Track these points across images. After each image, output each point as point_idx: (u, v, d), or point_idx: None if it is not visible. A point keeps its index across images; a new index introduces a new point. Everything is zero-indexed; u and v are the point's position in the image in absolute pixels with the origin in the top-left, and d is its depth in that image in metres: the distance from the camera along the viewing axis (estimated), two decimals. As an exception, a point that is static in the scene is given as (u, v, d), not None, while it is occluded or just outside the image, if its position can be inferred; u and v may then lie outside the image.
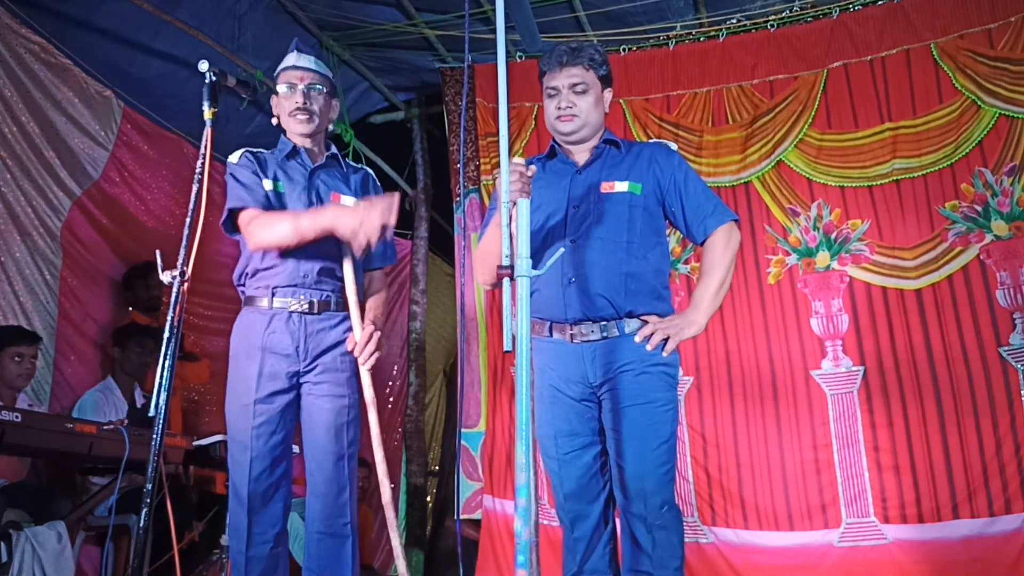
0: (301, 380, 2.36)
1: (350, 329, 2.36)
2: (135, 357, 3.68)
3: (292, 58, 2.46)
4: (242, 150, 2.48)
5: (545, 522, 3.97)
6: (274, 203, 2.39)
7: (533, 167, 2.04)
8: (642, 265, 2.14)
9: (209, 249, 4.08)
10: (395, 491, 5.40)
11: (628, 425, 2.06)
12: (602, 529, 2.14)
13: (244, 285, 2.42)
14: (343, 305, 2.37)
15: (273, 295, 2.35)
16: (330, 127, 2.55)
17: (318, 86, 2.43)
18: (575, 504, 2.13)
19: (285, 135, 2.49)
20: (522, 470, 1.67)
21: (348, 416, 2.36)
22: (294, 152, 2.46)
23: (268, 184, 2.41)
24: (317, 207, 2.37)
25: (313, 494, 2.32)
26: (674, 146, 2.33)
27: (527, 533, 1.65)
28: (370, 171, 2.63)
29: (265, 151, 2.49)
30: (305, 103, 2.40)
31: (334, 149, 2.53)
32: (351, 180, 2.51)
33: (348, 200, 2.44)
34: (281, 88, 2.44)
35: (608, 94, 2.30)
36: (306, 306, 2.33)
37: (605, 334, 2.11)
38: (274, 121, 2.48)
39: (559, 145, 2.32)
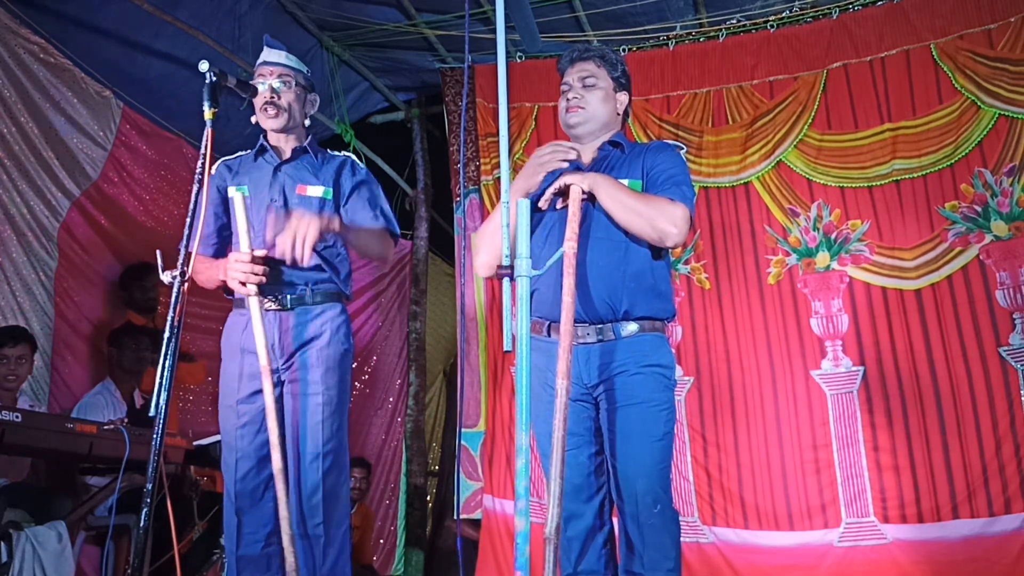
0: (281, 378, 2.36)
1: (326, 323, 2.36)
2: (131, 354, 3.69)
3: (263, 54, 2.48)
4: (219, 162, 2.54)
5: (542, 521, 3.96)
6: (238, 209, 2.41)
7: (574, 152, 2.10)
8: (642, 264, 2.14)
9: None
10: (395, 491, 5.43)
11: (621, 425, 2.06)
12: (597, 530, 2.12)
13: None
14: (320, 298, 2.37)
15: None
16: (306, 121, 2.54)
17: (286, 79, 2.43)
18: (569, 503, 2.11)
19: (265, 134, 2.51)
20: (521, 476, 1.68)
21: (321, 415, 2.32)
22: (262, 150, 2.50)
23: (232, 191, 2.44)
24: (278, 202, 2.40)
25: (293, 494, 2.31)
26: (684, 149, 2.32)
27: (524, 525, 1.65)
28: (350, 157, 2.58)
29: (244, 153, 2.54)
30: (272, 97, 2.41)
31: (307, 142, 2.52)
32: (323, 170, 2.49)
33: (315, 190, 2.44)
34: (256, 85, 2.44)
35: (623, 97, 2.31)
36: (279, 304, 2.34)
37: (601, 337, 2.11)
38: (253, 119, 2.48)
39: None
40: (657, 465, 2.04)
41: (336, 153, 2.58)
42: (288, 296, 2.35)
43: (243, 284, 2.26)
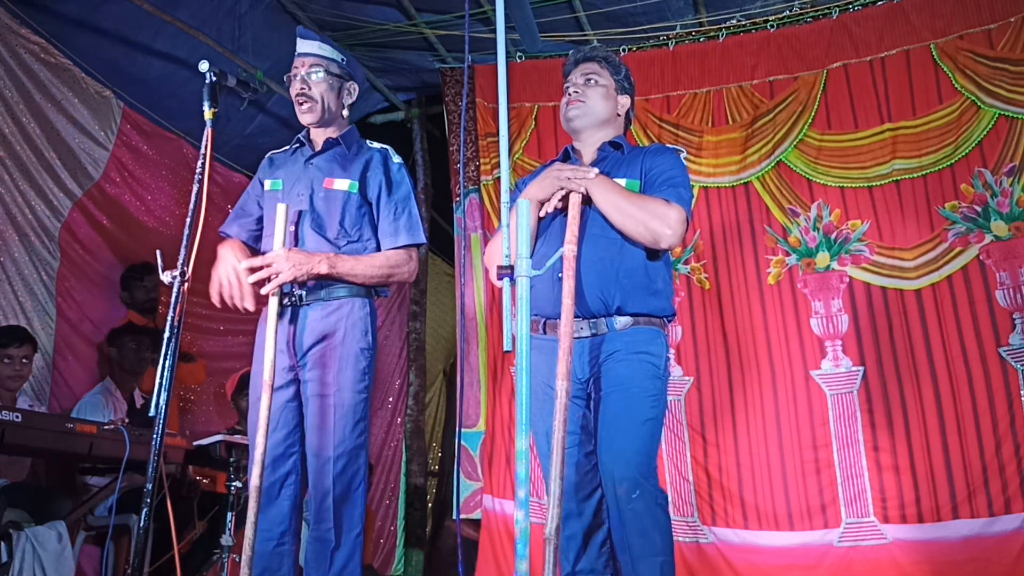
0: (298, 376, 2.33)
1: (342, 319, 2.32)
2: (132, 355, 3.69)
3: (297, 45, 2.46)
4: (267, 155, 2.56)
5: (542, 521, 3.96)
6: (270, 201, 2.43)
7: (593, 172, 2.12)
8: (636, 261, 2.14)
9: (208, 249, 4.08)
10: (395, 491, 5.43)
11: (605, 410, 2.06)
12: (595, 529, 2.12)
13: None
14: (338, 293, 2.33)
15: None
16: (344, 112, 2.49)
17: (319, 70, 2.39)
18: (566, 502, 2.10)
19: (308, 129, 2.50)
20: (522, 485, 1.68)
21: (333, 416, 2.26)
22: (300, 143, 2.50)
23: (267, 184, 2.46)
24: (304, 197, 2.39)
25: (310, 495, 2.31)
26: (683, 152, 2.33)
27: (524, 532, 1.66)
28: (386, 149, 2.50)
29: (288, 147, 2.55)
30: (303, 88, 2.39)
31: (342, 133, 2.48)
32: (353, 163, 2.43)
33: (341, 184, 2.39)
34: (290, 77, 2.45)
35: (624, 100, 2.34)
36: (296, 299, 2.30)
37: (594, 331, 2.12)
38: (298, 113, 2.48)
39: (574, 149, 2.36)
40: (636, 450, 2.00)
41: (373, 145, 2.51)
42: (303, 291, 2.31)
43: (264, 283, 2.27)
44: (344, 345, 2.30)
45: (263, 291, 2.25)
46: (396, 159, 2.48)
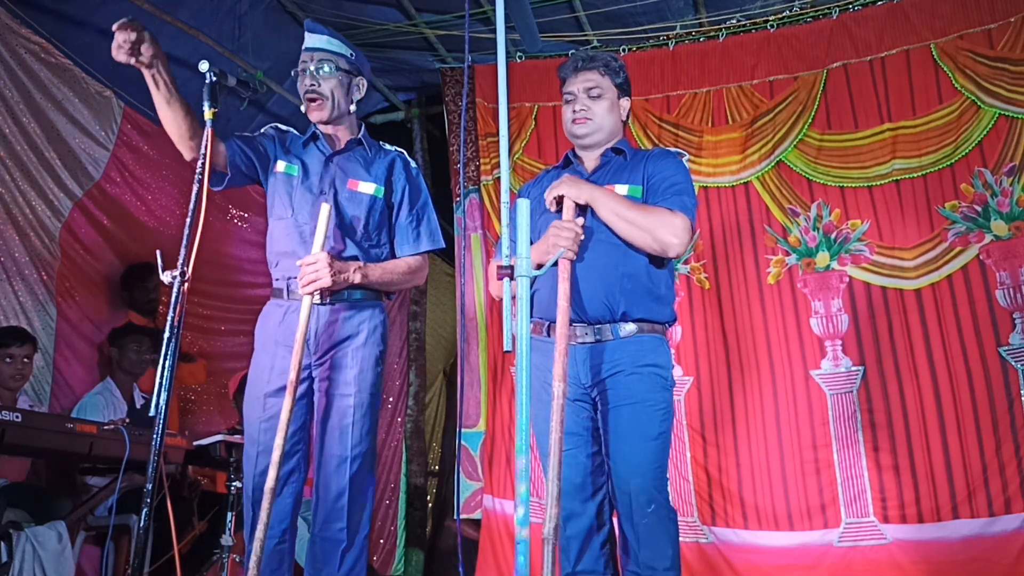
0: (312, 374, 2.31)
1: (364, 322, 2.32)
2: (133, 356, 3.69)
3: (305, 40, 2.42)
4: (269, 125, 2.49)
5: (542, 521, 3.96)
6: (283, 185, 2.37)
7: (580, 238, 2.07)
8: (638, 266, 2.15)
9: (209, 249, 4.08)
10: (395, 491, 5.44)
11: (616, 425, 2.07)
12: (596, 530, 2.13)
13: (272, 274, 2.40)
14: (360, 296, 2.32)
15: (289, 286, 2.31)
16: (352, 108, 2.44)
17: (328, 65, 2.35)
18: (568, 502, 2.12)
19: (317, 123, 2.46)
20: (521, 479, 1.68)
21: (352, 417, 2.26)
22: (314, 137, 2.43)
23: (281, 165, 2.39)
24: (328, 195, 2.35)
25: (316, 494, 2.30)
26: (686, 156, 2.33)
27: (526, 533, 1.66)
28: (401, 154, 2.50)
29: (298, 134, 2.47)
30: (312, 85, 2.35)
31: (362, 133, 2.46)
32: (374, 165, 2.42)
33: (367, 187, 2.37)
34: (297, 72, 2.40)
35: (625, 102, 2.35)
36: (319, 297, 2.26)
37: (598, 337, 2.12)
38: (303, 108, 2.42)
39: (575, 155, 2.36)
40: (651, 464, 2.05)
41: (389, 148, 2.51)
42: (328, 291, 2.28)
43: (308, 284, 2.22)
44: (366, 347, 2.31)
45: (302, 292, 2.22)
46: (414, 164, 2.52)
